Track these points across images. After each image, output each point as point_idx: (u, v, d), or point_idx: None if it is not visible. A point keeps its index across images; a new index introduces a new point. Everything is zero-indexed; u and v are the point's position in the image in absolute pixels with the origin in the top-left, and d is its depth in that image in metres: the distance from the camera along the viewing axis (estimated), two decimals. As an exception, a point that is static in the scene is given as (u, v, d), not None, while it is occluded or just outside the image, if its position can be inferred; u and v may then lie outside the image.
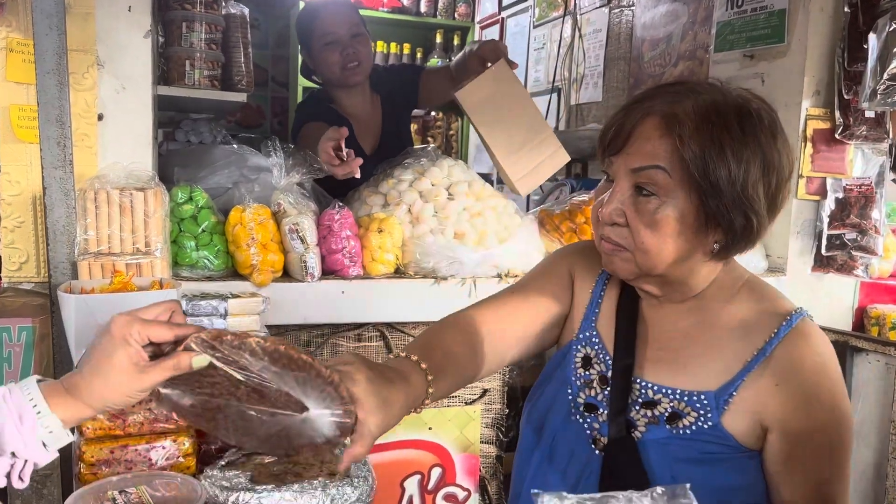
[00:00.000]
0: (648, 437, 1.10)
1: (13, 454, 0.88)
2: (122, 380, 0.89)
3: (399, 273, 2.00)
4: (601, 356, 1.19)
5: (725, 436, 1.06)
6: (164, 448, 1.07)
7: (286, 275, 1.87)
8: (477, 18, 4.80)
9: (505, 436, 2.24)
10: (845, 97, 2.20)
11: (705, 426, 1.07)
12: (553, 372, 1.26)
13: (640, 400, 1.12)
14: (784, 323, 1.08)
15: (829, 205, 2.27)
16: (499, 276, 2.03)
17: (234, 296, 1.67)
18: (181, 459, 1.08)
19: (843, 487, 1.08)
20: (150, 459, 1.06)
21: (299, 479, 1.01)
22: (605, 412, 1.14)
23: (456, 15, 4.84)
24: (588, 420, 1.16)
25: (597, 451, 1.14)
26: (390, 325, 2.03)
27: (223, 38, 2.19)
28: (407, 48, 4.76)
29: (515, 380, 2.35)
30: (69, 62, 1.52)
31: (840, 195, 2.28)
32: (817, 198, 2.29)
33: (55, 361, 1.61)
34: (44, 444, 0.89)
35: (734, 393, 1.06)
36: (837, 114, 2.22)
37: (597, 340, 1.21)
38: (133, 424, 1.06)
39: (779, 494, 1.08)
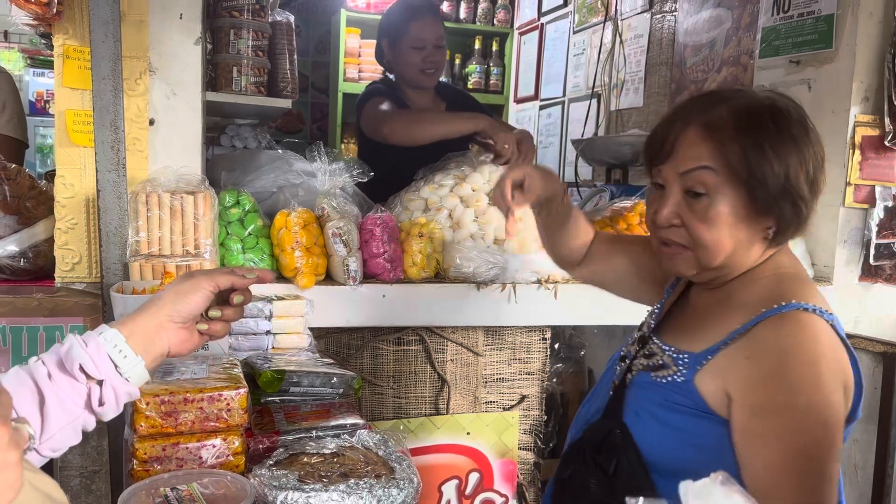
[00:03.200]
0: (636, 379, 1.26)
1: (87, 375, 0.92)
2: (192, 282, 1.02)
3: (439, 277, 2.01)
4: (650, 323, 1.37)
5: (692, 392, 1.15)
6: (214, 446, 1.08)
7: (329, 278, 1.89)
8: (516, 24, 4.80)
9: (544, 443, 2.24)
10: (895, 103, 2.15)
11: (678, 380, 1.18)
12: (629, 334, 1.45)
13: (645, 352, 1.28)
14: (776, 306, 1.12)
15: (877, 213, 2.23)
16: (539, 281, 2.03)
17: (279, 298, 1.69)
18: (231, 458, 1.10)
19: (795, 484, 1.03)
20: (200, 457, 1.08)
21: (346, 479, 1.02)
22: (629, 364, 1.32)
23: (495, 21, 4.84)
24: (619, 368, 1.34)
25: (611, 392, 1.31)
26: (430, 330, 2.04)
27: (269, 46, 2.22)
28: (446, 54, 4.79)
29: (554, 387, 2.34)
30: (123, 68, 1.56)
31: (889, 203, 2.23)
32: (866, 206, 2.25)
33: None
34: (115, 365, 0.93)
35: (710, 357, 1.15)
36: (887, 120, 2.18)
37: (657, 312, 1.39)
38: (185, 423, 1.08)
39: (742, 471, 1.09)
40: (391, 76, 2.94)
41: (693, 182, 1.16)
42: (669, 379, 1.19)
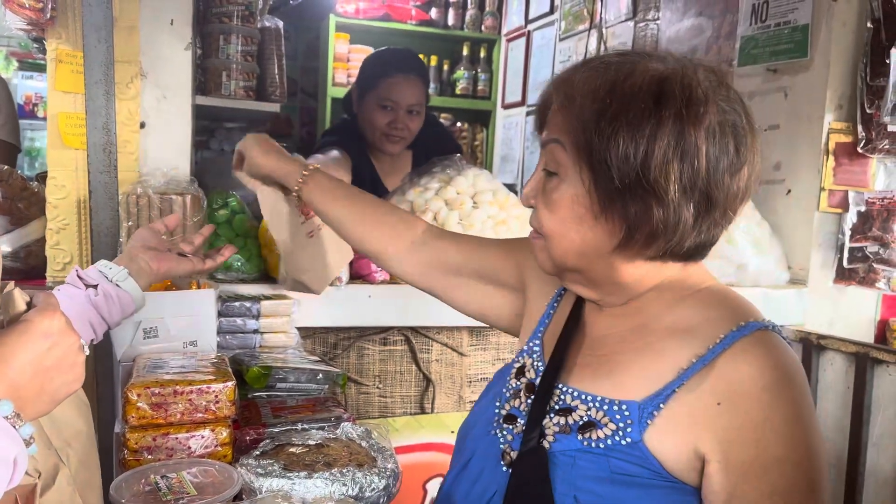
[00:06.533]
0: (556, 447, 0.94)
1: (84, 282, 1.18)
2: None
3: (425, 279, 2.05)
4: (535, 364, 1.07)
5: (646, 456, 0.88)
6: (202, 437, 1.13)
7: (316, 279, 1.93)
8: (503, 31, 4.86)
9: (526, 441, 2.28)
10: (868, 111, 2.22)
11: (623, 441, 0.89)
12: (492, 386, 1.15)
13: (556, 406, 0.98)
14: (735, 329, 0.90)
15: (851, 218, 2.29)
16: (522, 283, 2.07)
17: (266, 298, 1.73)
18: (218, 448, 1.14)
19: None
20: (189, 447, 1.12)
21: (329, 468, 1.06)
22: (524, 423, 1.00)
23: (483, 28, 4.90)
24: (504, 433, 1.02)
25: (504, 468, 0.99)
26: (415, 330, 2.08)
27: (258, 51, 2.27)
28: (434, 60, 4.84)
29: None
30: (114, 73, 1.60)
31: (862, 208, 2.30)
32: (839, 210, 2.31)
33: (95, 357, 1.68)
34: (104, 275, 1.20)
35: (662, 405, 0.89)
36: (860, 127, 2.24)
37: (538, 350, 1.09)
38: (174, 414, 1.12)
39: None
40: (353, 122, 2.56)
41: (548, 156, 0.97)
42: (609, 442, 0.90)
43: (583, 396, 0.96)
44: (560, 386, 1.00)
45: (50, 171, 1.72)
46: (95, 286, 1.18)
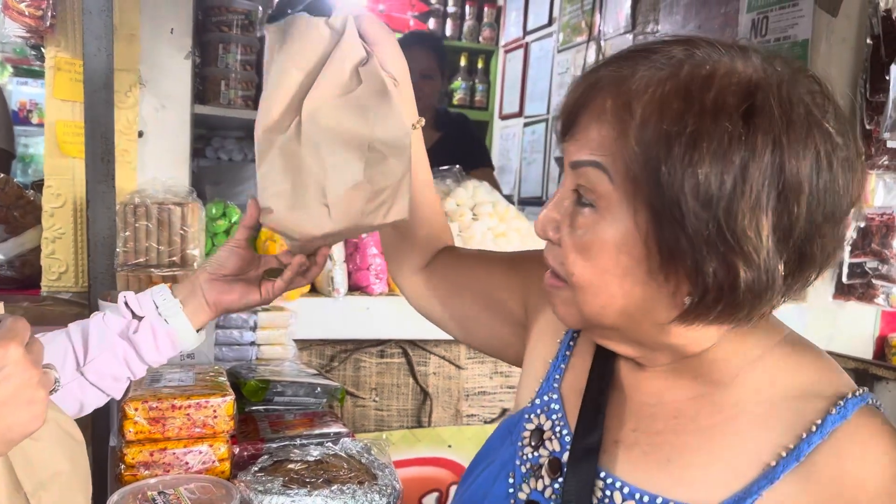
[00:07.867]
0: None
1: (131, 312, 1.04)
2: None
3: (423, 291, 2.04)
4: (558, 430, 0.81)
5: None
6: (200, 452, 1.11)
7: (314, 290, 1.91)
8: (501, 42, 4.88)
9: (523, 455, 2.26)
10: (867, 127, 2.22)
11: None
12: (497, 447, 0.89)
13: None
14: (835, 410, 0.68)
15: (850, 233, 2.29)
16: (521, 296, 2.06)
17: (264, 309, 1.72)
18: (216, 464, 1.12)
19: None
20: (186, 463, 1.10)
21: (330, 485, 1.05)
22: None
23: (480, 38, 4.91)
24: None
25: None
26: (412, 343, 2.06)
27: (257, 60, 2.26)
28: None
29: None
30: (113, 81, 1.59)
31: (861, 224, 2.29)
32: (838, 226, 2.31)
33: (90, 369, 1.66)
34: (156, 306, 1.03)
35: None
36: (860, 143, 2.24)
37: (557, 408, 0.83)
38: (172, 429, 1.10)
39: None
40: None
41: (582, 181, 0.69)
42: None
43: (637, 496, 0.72)
44: (602, 475, 0.75)
45: (46, 179, 1.71)
46: (141, 318, 1.03)
